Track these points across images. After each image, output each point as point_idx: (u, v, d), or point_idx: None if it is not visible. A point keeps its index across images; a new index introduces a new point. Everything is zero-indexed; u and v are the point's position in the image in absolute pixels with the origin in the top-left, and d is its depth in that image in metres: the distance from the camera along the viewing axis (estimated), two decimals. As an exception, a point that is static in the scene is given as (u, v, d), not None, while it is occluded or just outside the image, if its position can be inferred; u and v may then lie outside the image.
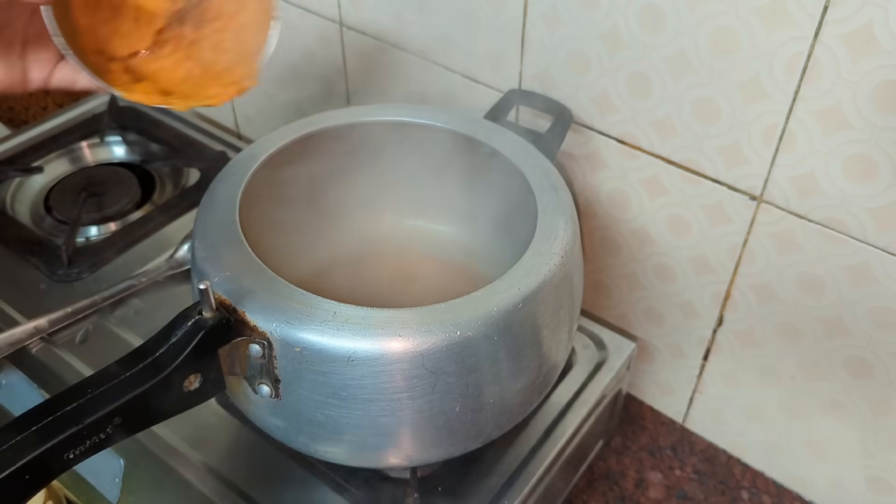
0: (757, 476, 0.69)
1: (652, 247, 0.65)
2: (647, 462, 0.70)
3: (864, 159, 0.51)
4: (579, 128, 0.64)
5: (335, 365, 0.45)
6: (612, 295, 0.71)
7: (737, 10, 0.51)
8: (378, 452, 0.50)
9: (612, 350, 0.66)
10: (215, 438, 0.59)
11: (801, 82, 0.51)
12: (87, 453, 0.41)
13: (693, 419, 0.72)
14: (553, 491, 0.62)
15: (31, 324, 0.65)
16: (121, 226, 0.79)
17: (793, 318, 0.60)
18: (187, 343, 0.43)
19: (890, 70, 0.47)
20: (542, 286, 0.48)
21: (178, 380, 0.43)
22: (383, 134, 0.64)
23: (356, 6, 0.73)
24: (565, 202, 0.54)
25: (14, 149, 0.87)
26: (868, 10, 0.46)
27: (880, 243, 0.53)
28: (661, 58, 0.56)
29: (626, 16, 0.56)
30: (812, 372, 0.61)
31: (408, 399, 0.46)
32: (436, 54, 0.70)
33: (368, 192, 0.69)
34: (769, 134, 0.54)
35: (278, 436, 0.52)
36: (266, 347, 0.45)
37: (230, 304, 0.45)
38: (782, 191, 0.55)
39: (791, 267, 0.58)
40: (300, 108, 0.89)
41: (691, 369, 0.69)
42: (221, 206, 0.52)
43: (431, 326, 0.45)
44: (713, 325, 0.65)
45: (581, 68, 0.61)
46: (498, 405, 0.50)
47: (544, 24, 0.61)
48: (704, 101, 0.56)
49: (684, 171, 0.60)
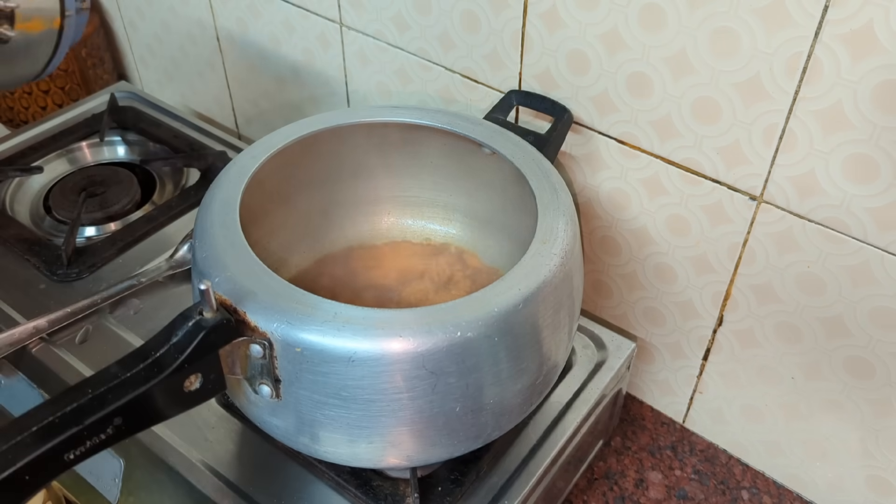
0: (757, 476, 0.69)
1: (652, 247, 0.65)
2: (647, 462, 0.70)
3: (864, 159, 0.51)
4: (579, 128, 0.64)
5: (336, 365, 0.45)
6: (612, 295, 0.71)
7: (737, 11, 0.51)
8: (378, 452, 0.50)
9: (612, 350, 0.66)
10: (215, 438, 0.59)
11: (802, 82, 0.51)
12: (87, 454, 0.41)
13: (693, 419, 0.72)
14: (553, 491, 0.62)
15: (31, 324, 0.65)
16: (121, 226, 0.79)
17: (793, 318, 0.60)
18: (188, 343, 0.43)
19: (890, 70, 0.47)
20: (543, 287, 0.48)
21: (179, 380, 0.43)
22: (383, 134, 0.64)
23: (356, 6, 0.73)
24: (565, 202, 0.54)
25: (14, 149, 0.87)
26: (868, 10, 0.46)
27: (880, 243, 0.53)
28: (661, 58, 0.56)
29: (626, 16, 0.56)
30: (812, 372, 0.61)
31: (408, 399, 0.46)
32: (436, 54, 0.70)
33: (368, 193, 0.69)
34: (769, 134, 0.54)
35: (278, 436, 0.52)
36: (267, 348, 0.45)
37: (231, 305, 0.45)
38: (782, 191, 0.55)
39: (791, 267, 0.58)
40: (300, 108, 0.89)
41: (691, 369, 0.69)
42: (222, 206, 0.52)
43: (432, 327, 0.45)
44: (713, 325, 0.65)
45: (581, 68, 0.61)
46: (498, 405, 0.50)
47: (544, 24, 0.61)
48: (704, 101, 0.56)
49: (684, 171, 0.60)
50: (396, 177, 0.68)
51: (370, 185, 0.68)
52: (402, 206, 0.70)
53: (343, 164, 0.66)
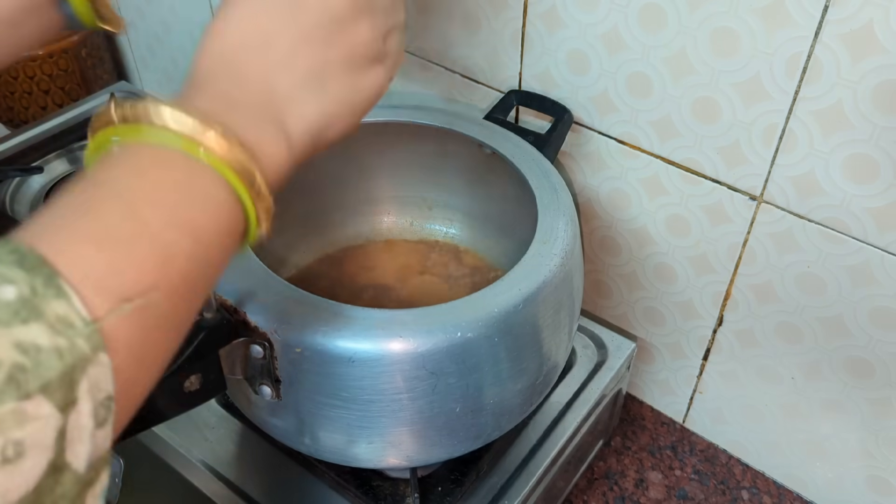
0: (757, 476, 0.69)
1: (652, 247, 0.65)
2: (647, 462, 0.70)
3: (864, 159, 0.51)
4: (579, 128, 0.64)
5: (336, 366, 0.45)
6: (612, 295, 0.71)
7: (737, 11, 0.51)
8: (378, 452, 0.50)
9: (612, 350, 0.66)
10: (215, 438, 0.59)
11: (802, 82, 0.51)
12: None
13: (693, 419, 0.72)
14: (553, 491, 0.62)
15: (31, 324, 0.65)
16: (121, 226, 0.79)
17: (793, 318, 0.60)
18: (188, 344, 0.43)
19: (890, 70, 0.47)
20: (543, 287, 0.48)
21: (179, 381, 0.43)
22: (383, 134, 0.64)
23: (356, 6, 0.73)
24: (565, 202, 0.54)
25: (14, 149, 0.87)
26: (868, 10, 0.46)
27: (880, 243, 0.53)
28: (661, 58, 0.56)
29: (626, 16, 0.56)
30: (812, 372, 0.61)
31: (408, 400, 0.46)
32: (436, 54, 0.70)
33: (368, 192, 0.69)
34: (769, 134, 0.54)
35: (278, 436, 0.52)
36: (267, 348, 0.45)
37: (231, 305, 0.45)
38: (782, 191, 0.55)
39: (791, 267, 0.58)
40: (300, 108, 0.88)
41: (691, 369, 0.69)
42: (221, 206, 0.52)
43: (432, 327, 0.45)
44: (713, 325, 0.65)
45: (581, 68, 0.61)
46: (498, 406, 0.50)
47: (544, 24, 0.61)
48: (704, 101, 0.56)
49: (684, 171, 0.60)
50: (396, 177, 0.68)
51: (370, 185, 0.68)
52: (402, 206, 0.70)
53: (343, 164, 0.66)
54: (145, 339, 0.26)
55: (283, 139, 0.33)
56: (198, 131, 0.29)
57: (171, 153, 0.29)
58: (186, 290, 0.28)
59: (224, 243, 0.30)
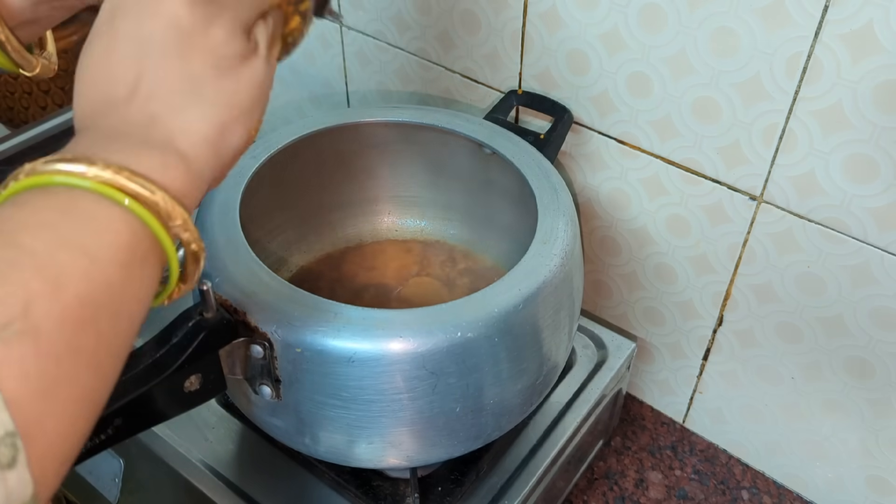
0: (757, 476, 0.69)
1: (652, 247, 0.65)
2: (647, 462, 0.70)
3: (864, 159, 0.51)
4: (579, 128, 0.64)
5: (336, 366, 0.45)
6: (612, 295, 0.71)
7: (737, 10, 0.51)
8: (378, 452, 0.50)
9: (612, 350, 0.66)
10: (215, 438, 0.59)
11: (802, 82, 0.51)
12: (87, 454, 0.41)
13: (693, 419, 0.72)
14: (553, 491, 0.62)
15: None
16: (121, 226, 0.79)
17: (793, 318, 0.60)
18: (188, 344, 0.43)
19: (890, 70, 0.47)
20: (543, 287, 0.48)
21: (179, 380, 0.43)
22: (383, 134, 0.64)
23: (356, 6, 0.73)
24: (565, 202, 0.54)
25: (14, 149, 0.87)
26: (868, 10, 0.46)
27: (880, 243, 0.53)
28: (660, 58, 0.56)
29: (626, 16, 0.56)
30: (812, 372, 0.61)
31: (408, 400, 0.46)
32: (436, 54, 0.70)
33: (368, 192, 0.69)
34: (769, 134, 0.54)
35: (278, 436, 0.52)
36: (267, 348, 0.45)
37: (231, 305, 0.45)
38: (782, 191, 0.55)
39: (791, 267, 0.58)
40: (300, 108, 0.89)
41: (691, 369, 0.69)
42: (222, 206, 0.52)
43: (432, 327, 0.45)
44: (713, 325, 0.65)
45: (581, 68, 0.61)
46: (498, 406, 0.50)
47: (544, 24, 0.61)
48: (704, 101, 0.56)
49: (684, 171, 0.60)
50: (396, 177, 0.68)
51: (370, 185, 0.68)
52: (402, 206, 0.70)
53: (343, 164, 0.66)
54: (45, 368, 0.25)
55: (173, 155, 0.31)
56: (78, 167, 0.29)
57: (51, 188, 0.29)
58: (91, 314, 0.27)
59: (129, 262, 0.29)
